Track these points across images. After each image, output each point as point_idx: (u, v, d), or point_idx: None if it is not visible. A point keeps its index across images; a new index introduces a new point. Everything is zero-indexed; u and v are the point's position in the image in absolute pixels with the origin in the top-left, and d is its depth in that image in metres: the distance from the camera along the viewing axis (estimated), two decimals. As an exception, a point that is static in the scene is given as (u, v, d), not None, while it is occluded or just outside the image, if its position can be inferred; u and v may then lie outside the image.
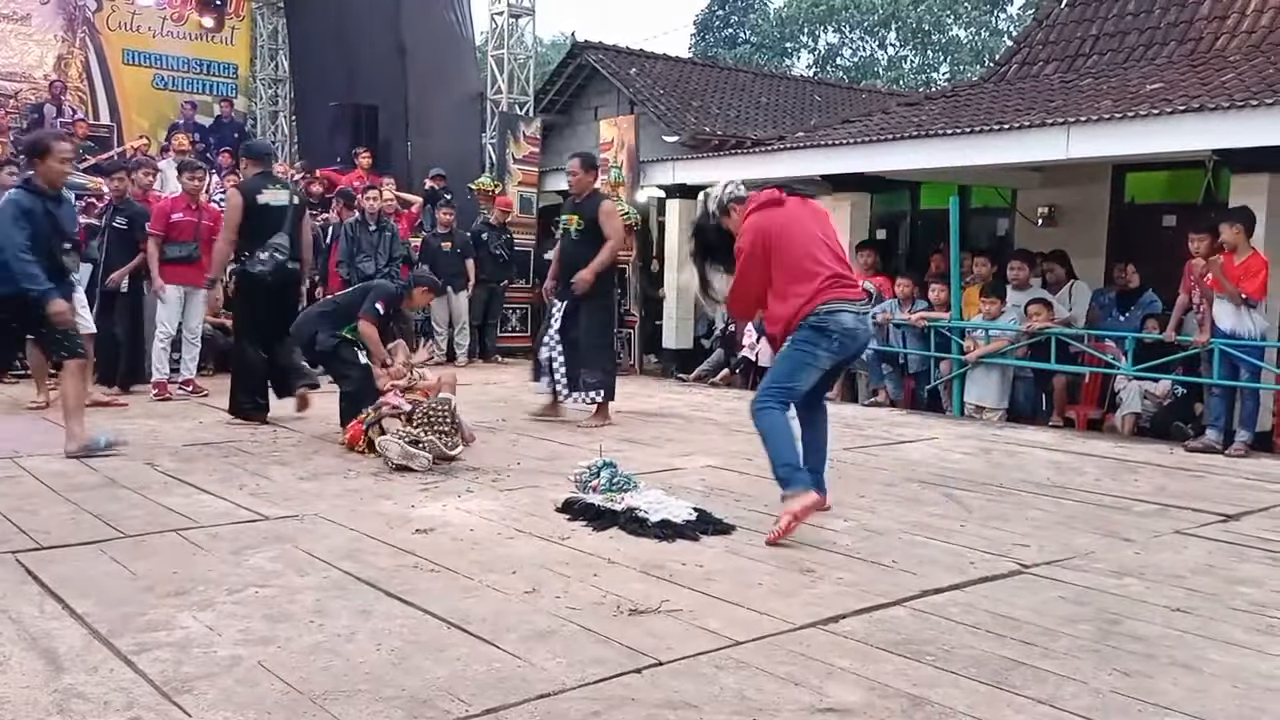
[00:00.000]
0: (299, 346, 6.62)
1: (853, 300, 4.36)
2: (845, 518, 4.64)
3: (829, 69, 34.97)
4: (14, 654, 2.85)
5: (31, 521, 4.25)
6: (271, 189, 6.89)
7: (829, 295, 4.27)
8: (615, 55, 14.67)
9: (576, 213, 7.08)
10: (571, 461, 5.35)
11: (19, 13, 15.09)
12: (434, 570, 3.71)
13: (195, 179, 8.26)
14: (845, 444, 6.70)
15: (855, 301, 4.38)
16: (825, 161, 10.31)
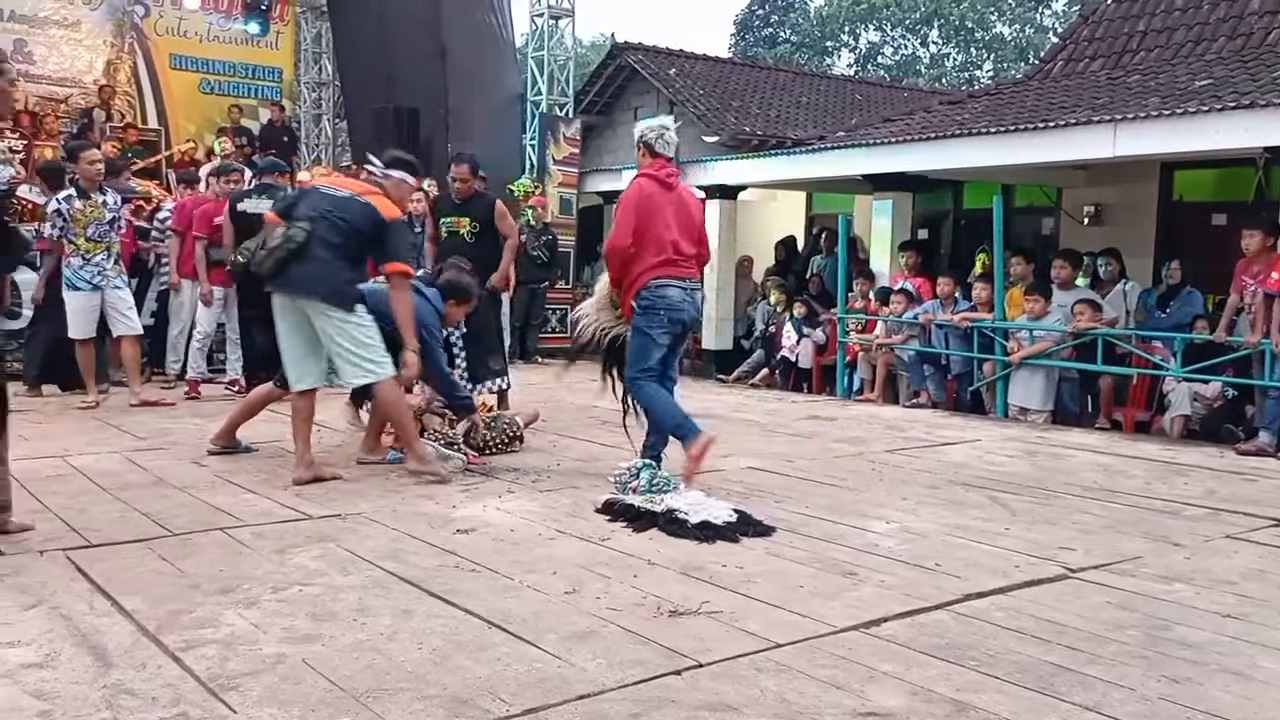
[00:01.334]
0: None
1: (681, 277, 5.12)
2: (887, 520, 4.61)
3: (870, 68, 34.76)
4: (64, 650, 2.91)
5: (81, 519, 4.32)
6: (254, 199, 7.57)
7: (661, 271, 5.05)
8: (655, 56, 14.67)
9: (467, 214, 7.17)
10: (611, 463, 5.35)
11: (69, 19, 15.37)
12: (475, 570, 3.73)
13: (231, 182, 8.37)
14: (887, 445, 6.66)
15: (684, 278, 5.14)
16: (866, 161, 10.24)
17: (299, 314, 5.05)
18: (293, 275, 4.98)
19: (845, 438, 7.01)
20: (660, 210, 5.12)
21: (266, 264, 5.00)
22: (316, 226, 4.98)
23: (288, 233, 4.97)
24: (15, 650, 2.88)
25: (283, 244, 4.95)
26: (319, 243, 4.97)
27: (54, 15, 15.23)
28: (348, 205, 5.09)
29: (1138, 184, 10.11)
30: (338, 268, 5.02)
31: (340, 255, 5.02)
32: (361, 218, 5.06)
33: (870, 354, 9.51)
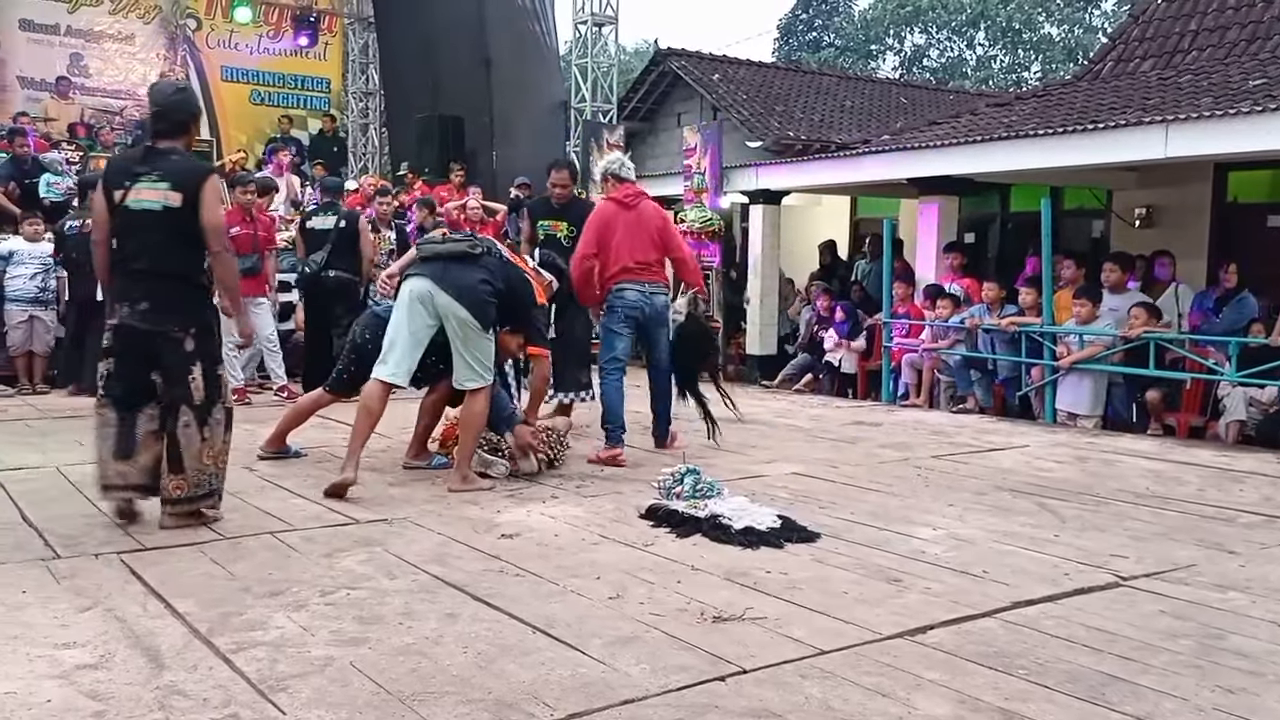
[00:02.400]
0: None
1: (638, 281, 6.10)
2: (934, 526, 4.56)
3: (915, 70, 34.48)
4: (119, 651, 2.97)
5: (135, 524, 4.41)
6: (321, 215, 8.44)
7: (620, 278, 6.09)
8: (698, 61, 14.67)
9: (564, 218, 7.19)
10: (655, 468, 5.35)
11: (124, 33, 15.74)
12: (519, 575, 3.75)
13: (248, 193, 8.55)
14: (933, 451, 6.59)
15: (641, 282, 6.10)
16: (911, 164, 10.15)
17: (434, 314, 5.13)
18: (454, 274, 5.11)
19: (890, 443, 6.95)
20: (618, 228, 6.12)
21: (434, 249, 5.21)
22: (488, 258, 5.23)
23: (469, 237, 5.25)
24: (71, 651, 2.95)
25: (461, 242, 5.25)
26: (485, 269, 5.18)
27: (109, 29, 15.60)
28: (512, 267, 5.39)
29: (1190, 185, 9.92)
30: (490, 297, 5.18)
31: (495, 293, 5.19)
32: (520, 284, 5.37)
33: (915, 359, 9.43)
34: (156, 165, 4.38)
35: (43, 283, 8.67)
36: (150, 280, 4.37)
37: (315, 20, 17.10)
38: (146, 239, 4.35)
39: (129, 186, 4.36)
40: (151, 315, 4.35)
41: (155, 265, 4.37)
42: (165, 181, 4.34)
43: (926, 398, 9.21)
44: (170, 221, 4.32)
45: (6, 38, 14.82)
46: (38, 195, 9.92)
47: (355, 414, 5.20)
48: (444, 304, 5.08)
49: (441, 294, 5.08)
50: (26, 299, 8.60)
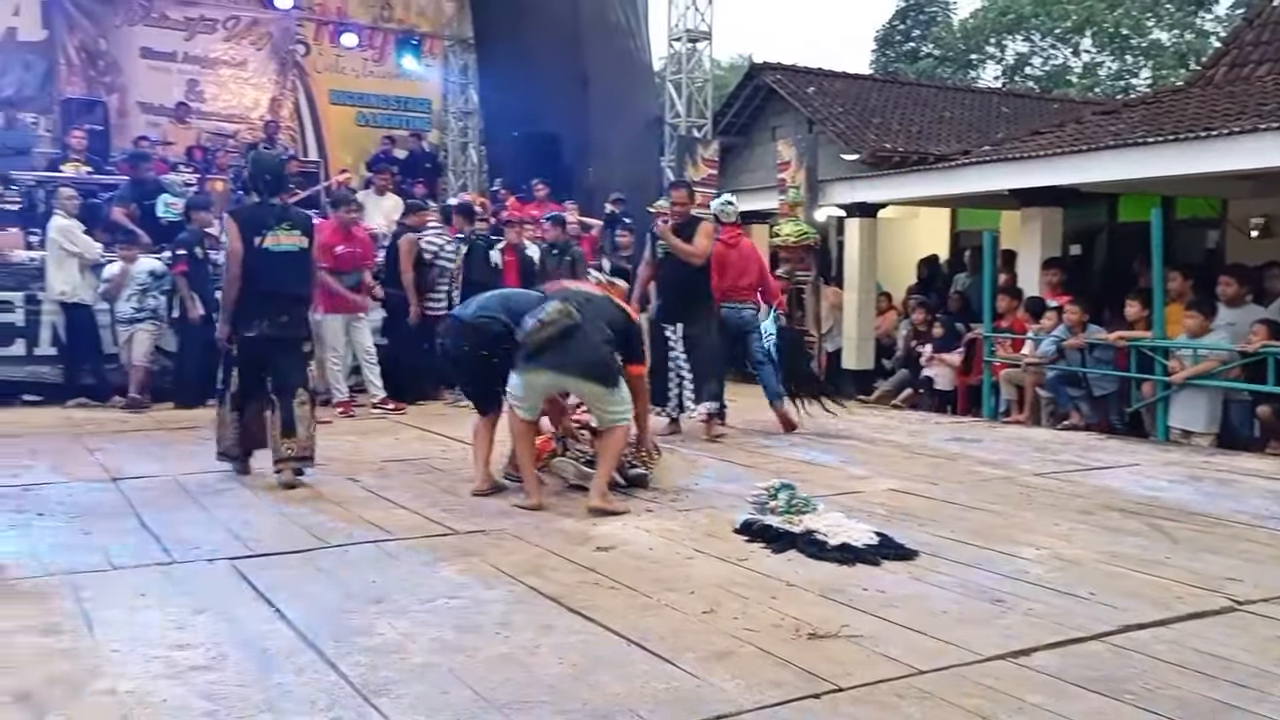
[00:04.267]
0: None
1: (729, 302, 7.71)
2: (1037, 546, 4.44)
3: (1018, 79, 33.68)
4: (230, 653, 3.08)
5: (246, 530, 4.58)
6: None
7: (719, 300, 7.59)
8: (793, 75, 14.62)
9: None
10: (750, 482, 5.33)
11: (237, 59, 16.37)
12: (614, 587, 3.78)
13: (351, 211, 8.87)
14: (1036, 469, 6.42)
15: (733, 303, 7.73)
16: (1013, 176, 9.93)
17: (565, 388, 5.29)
18: (572, 353, 5.02)
19: (991, 460, 6.79)
20: (727, 265, 7.70)
21: (539, 339, 5.01)
22: (585, 311, 5.10)
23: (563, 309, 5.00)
24: (185, 653, 3.07)
25: (558, 319, 4.98)
26: (592, 327, 5.10)
27: (223, 56, 16.24)
28: (602, 300, 5.33)
29: (1311, 194, 9.50)
30: (610, 354, 5.19)
31: (611, 343, 5.19)
32: (614, 311, 5.32)
33: (1015, 374, 9.20)
34: (285, 217, 5.80)
35: (139, 302, 8.84)
36: (288, 303, 5.72)
37: (418, 43, 17.55)
38: (284, 272, 5.69)
39: (265, 234, 5.67)
40: (289, 327, 5.71)
41: (292, 292, 5.75)
42: (297, 229, 5.79)
43: (1030, 414, 8.97)
44: (301, 259, 5.79)
45: (128, 65, 15.54)
46: (155, 215, 10.36)
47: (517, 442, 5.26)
48: (574, 385, 5.24)
49: (569, 379, 5.16)
50: (123, 319, 8.83)
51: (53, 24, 15.00)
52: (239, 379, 5.71)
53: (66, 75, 15.05)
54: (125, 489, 5.46)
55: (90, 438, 7.21)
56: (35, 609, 3.46)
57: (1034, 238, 10.07)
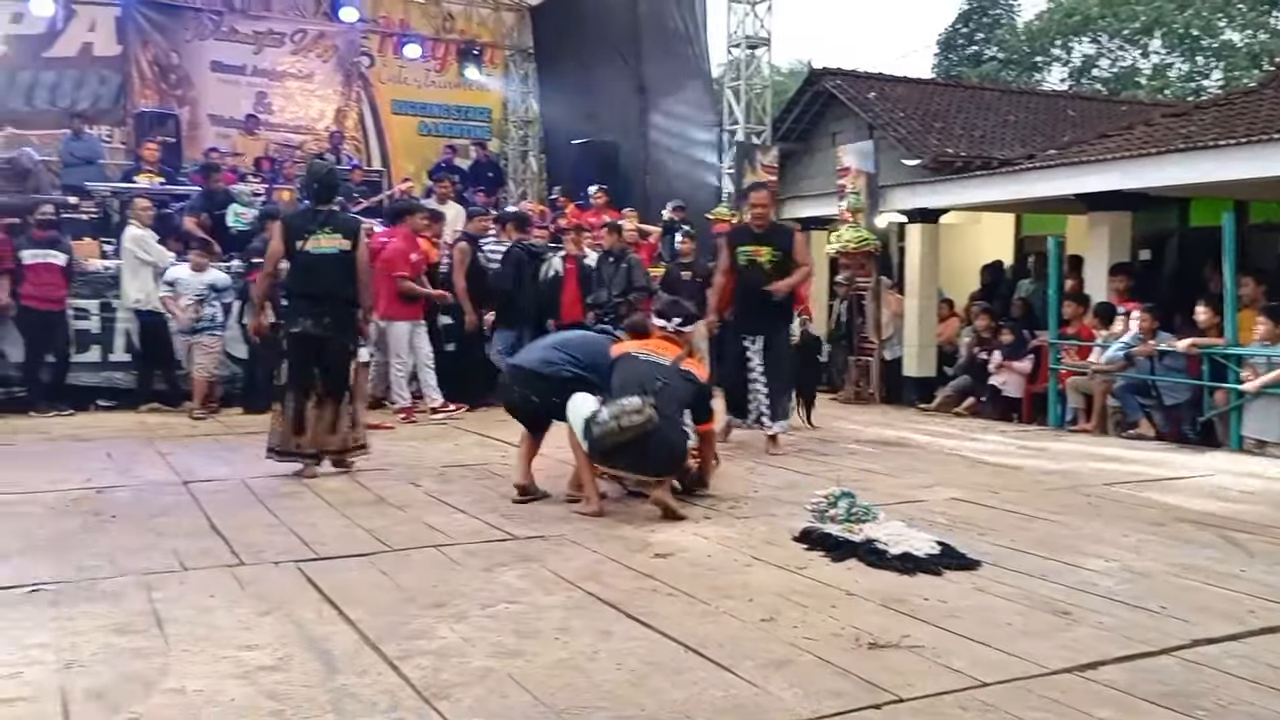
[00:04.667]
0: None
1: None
2: (1105, 558, 4.35)
3: (1084, 82, 33.07)
4: (296, 654, 3.14)
5: (312, 534, 4.66)
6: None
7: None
8: (854, 80, 14.49)
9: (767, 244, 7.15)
10: (809, 490, 5.29)
11: (304, 71, 16.72)
12: (672, 594, 3.77)
13: (424, 220, 9.17)
14: (1104, 479, 6.29)
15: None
16: (1080, 179, 9.74)
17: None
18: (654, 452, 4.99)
19: (1057, 469, 6.67)
20: None
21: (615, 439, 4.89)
22: (661, 401, 4.97)
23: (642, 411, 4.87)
24: (253, 653, 3.14)
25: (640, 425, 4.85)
26: (669, 424, 5.03)
27: (291, 69, 16.59)
28: (673, 375, 5.20)
29: (1393, 196, 9.18)
30: (680, 433, 5.21)
31: (679, 417, 5.21)
32: (685, 387, 5.24)
33: (1082, 382, 9.02)
34: (328, 221, 6.06)
35: (197, 312, 8.86)
36: (329, 303, 5.96)
37: (479, 53, 17.76)
38: (324, 274, 5.96)
39: (307, 237, 5.96)
40: (332, 327, 5.97)
41: (332, 292, 5.96)
42: (338, 233, 6.02)
43: (1098, 423, 8.78)
44: (342, 260, 5.99)
45: (199, 79, 15.95)
46: (225, 225, 10.61)
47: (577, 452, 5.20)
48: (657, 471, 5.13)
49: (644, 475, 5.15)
50: (184, 330, 8.87)
51: (127, 39, 15.46)
52: (289, 373, 6.15)
53: (140, 89, 15.49)
54: (196, 492, 5.59)
55: (162, 442, 7.40)
56: (109, 609, 3.56)
57: (1101, 243, 9.87)
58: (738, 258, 7.18)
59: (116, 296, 9.27)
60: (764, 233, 7.14)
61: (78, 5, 15.26)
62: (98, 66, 15.41)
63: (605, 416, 4.92)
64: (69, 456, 6.74)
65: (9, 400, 8.87)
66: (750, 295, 7.13)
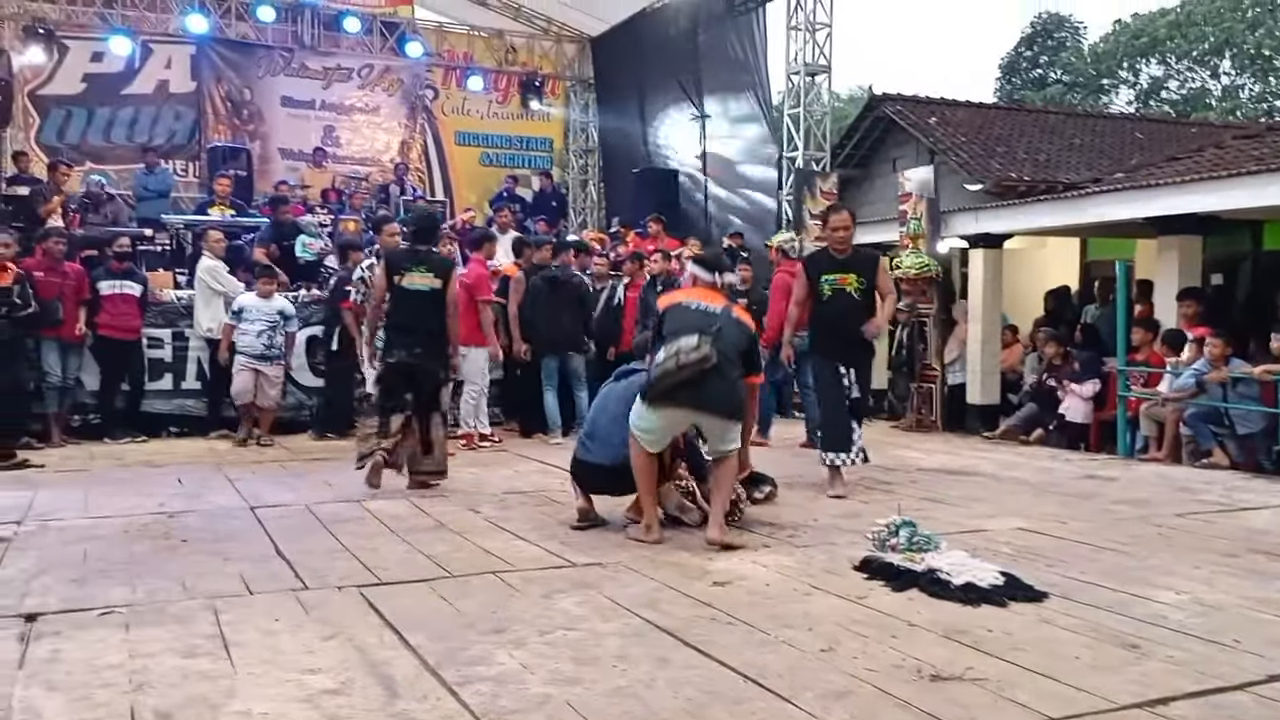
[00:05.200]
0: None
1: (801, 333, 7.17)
2: (1176, 590, 4.23)
3: (1153, 104, 32.49)
4: (358, 678, 3.18)
5: (374, 559, 4.72)
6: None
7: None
8: (914, 105, 14.40)
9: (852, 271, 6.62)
10: (869, 519, 5.23)
11: (370, 105, 17.13)
12: (730, 623, 3.75)
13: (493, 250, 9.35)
14: (1176, 509, 6.13)
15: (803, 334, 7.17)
16: (1149, 203, 9.56)
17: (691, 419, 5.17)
18: (710, 391, 4.95)
19: (1127, 499, 6.51)
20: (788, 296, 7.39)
21: (674, 379, 4.89)
22: (719, 344, 4.93)
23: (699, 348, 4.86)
24: (316, 677, 3.18)
25: (698, 361, 4.85)
26: (726, 362, 4.99)
27: (358, 103, 17.01)
28: (727, 320, 5.15)
29: None
30: (739, 377, 5.17)
31: (737, 370, 5.15)
32: (739, 332, 5.20)
33: (1156, 410, 8.81)
34: (423, 260, 6.65)
35: (269, 340, 8.91)
36: (421, 334, 6.53)
37: (540, 85, 18.03)
38: (417, 308, 6.55)
39: (404, 274, 6.56)
40: (423, 357, 6.53)
41: (424, 325, 6.54)
42: (431, 271, 6.59)
43: (1170, 451, 8.55)
44: (431, 297, 6.54)
45: (270, 114, 16.42)
46: (294, 255, 10.86)
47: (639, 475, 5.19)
48: (709, 421, 5.09)
49: (706, 417, 5.08)
50: (253, 354, 8.84)
51: (201, 76, 15.98)
52: (382, 396, 6.63)
53: (213, 124, 16.01)
54: (262, 517, 5.71)
55: (230, 467, 7.56)
56: (178, 631, 3.64)
57: (1171, 267, 9.66)
58: (821, 287, 6.56)
59: (189, 326, 9.52)
60: (848, 259, 6.58)
61: (155, 44, 15.85)
62: (173, 103, 15.96)
63: (662, 357, 4.92)
64: (142, 482, 6.93)
65: (85, 427, 9.14)
66: (838, 326, 6.55)
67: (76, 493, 6.47)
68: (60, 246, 8.92)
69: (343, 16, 16.60)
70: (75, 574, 4.44)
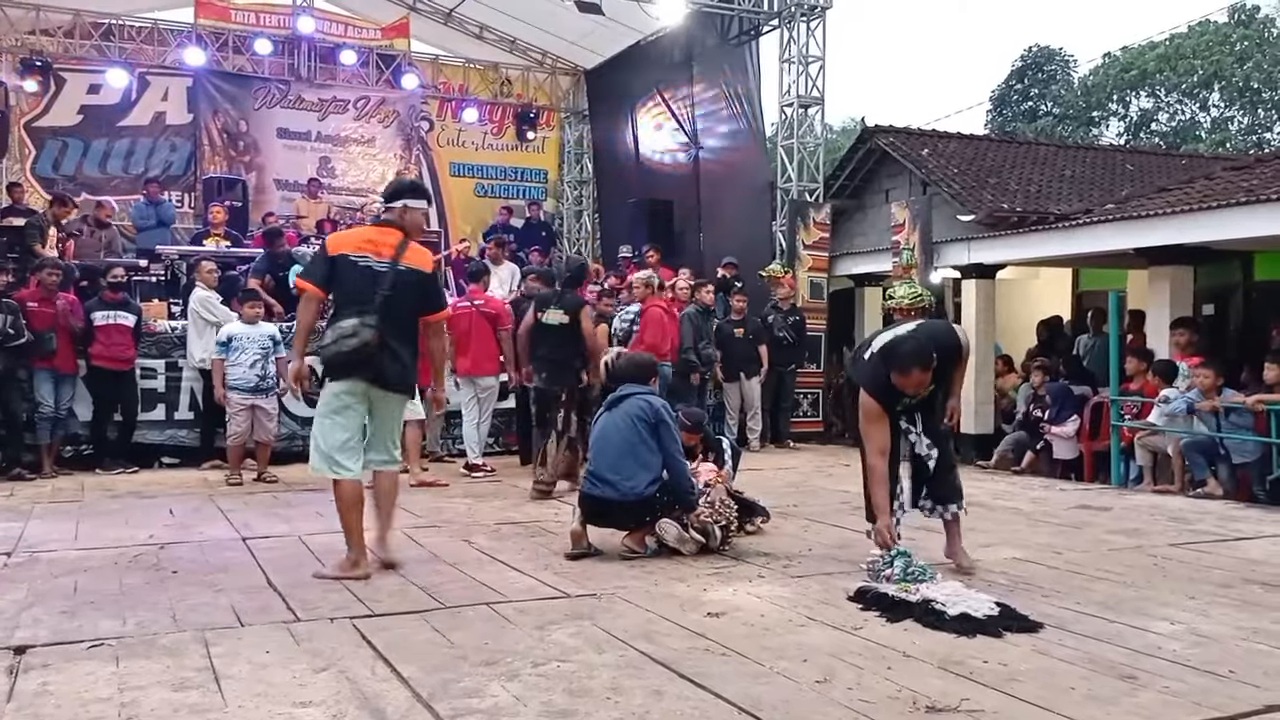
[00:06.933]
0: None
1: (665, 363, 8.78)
2: (1172, 620, 4.22)
3: (1143, 136, 32.78)
4: (350, 711, 3.15)
5: (366, 590, 4.69)
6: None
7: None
8: (906, 137, 14.51)
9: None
10: (864, 549, 5.23)
11: (366, 136, 17.21)
12: (725, 654, 3.73)
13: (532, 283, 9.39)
14: (1170, 539, 6.13)
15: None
16: (1139, 234, 9.63)
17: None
18: (382, 369, 5.03)
19: (1121, 529, 6.50)
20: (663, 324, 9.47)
21: (344, 359, 4.95)
22: (388, 313, 4.97)
23: (356, 336, 4.91)
24: (308, 710, 3.16)
25: (355, 349, 4.92)
26: (396, 330, 5.04)
27: (353, 134, 17.09)
28: (400, 277, 5.04)
29: None
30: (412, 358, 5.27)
31: (411, 346, 5.21)
32: (415, 279, 5.13)
33: (1150, 440, 8.81)
34: (558, 300, 7.96)
35: (262, 370, 8.53)
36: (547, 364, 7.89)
37: (534, 116, 18.14)
38: (549, 341, 7.90)
39: (545, 311, 7.90)
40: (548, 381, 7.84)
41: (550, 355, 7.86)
42: (561, 309, 7.88)
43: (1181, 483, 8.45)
44: (560, 331, 7.85)
45: (266, 145, 16.48)
46: (288, 286, 10.86)
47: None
48: (384, 405, 5.19)
49: (382, 394, 5.15)
50: (247, 388, 8.49)
51: (198, 108, 16.06)
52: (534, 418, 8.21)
53: (209, 155, 16.06)
54: (254, 548, 5.68)
55: (223, 498, 7.53)
56: (169, 664, 3.61)
57: (1162, 297, 9.73)
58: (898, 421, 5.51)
59: (183, 356, 9.52)
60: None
61: (152, 76, 15.92)
62: (169, 134, 16.02)
63: (328, 339, 4.92)
64: (133, 513, 6.89)
65: (77, 457, 9.11)
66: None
67: (68, 524, 6.43)
68: (54, 278, 8.91)
69: (339, 50, 16.71)
70: (66, 606, 4.41)
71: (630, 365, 6.08)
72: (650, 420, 5.50)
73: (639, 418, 5.51)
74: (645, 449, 5.48)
